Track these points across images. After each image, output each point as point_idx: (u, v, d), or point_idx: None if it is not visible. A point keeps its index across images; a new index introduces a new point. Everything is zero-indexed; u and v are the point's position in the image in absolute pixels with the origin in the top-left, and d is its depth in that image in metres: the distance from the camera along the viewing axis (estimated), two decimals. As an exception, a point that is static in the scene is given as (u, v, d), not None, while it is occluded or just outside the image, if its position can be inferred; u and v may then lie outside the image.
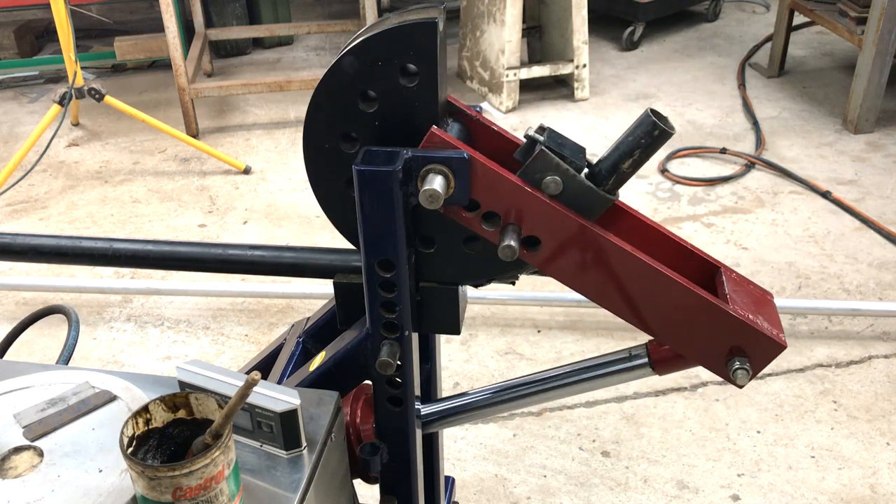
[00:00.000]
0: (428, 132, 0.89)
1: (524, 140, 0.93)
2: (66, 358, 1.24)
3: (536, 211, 0.90)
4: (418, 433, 1.09)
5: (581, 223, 0.90)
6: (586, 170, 0.91)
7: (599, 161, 0.91)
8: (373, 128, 0.92)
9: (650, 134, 0.87)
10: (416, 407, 1.07)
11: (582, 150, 0.91)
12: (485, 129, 0.99)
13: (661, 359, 1.00)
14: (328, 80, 0.91)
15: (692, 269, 0.98)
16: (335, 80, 0.91)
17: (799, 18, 3.97)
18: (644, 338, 1.00)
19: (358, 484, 1.10)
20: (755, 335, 0.93)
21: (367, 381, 1.05)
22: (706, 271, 1.00)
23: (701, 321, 0.93)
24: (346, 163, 0.93)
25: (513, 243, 0.88)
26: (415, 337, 1.01)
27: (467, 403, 1.11)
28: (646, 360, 1.00)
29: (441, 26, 0.88)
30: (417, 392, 1.06)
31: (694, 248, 1.00)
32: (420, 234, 0.96)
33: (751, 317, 0.93)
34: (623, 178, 0.90)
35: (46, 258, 1.14)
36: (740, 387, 0.95)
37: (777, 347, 0.94)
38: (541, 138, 0.89)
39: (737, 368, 0.93)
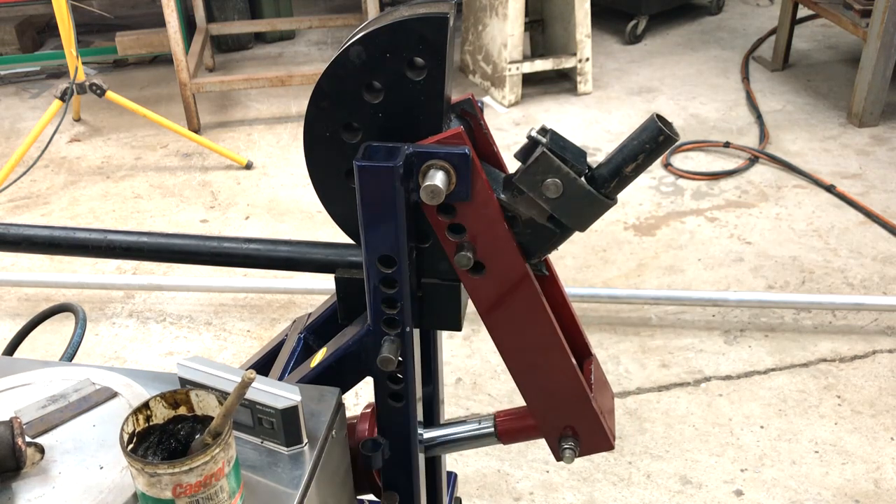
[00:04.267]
0: (455, 129, 0.89)
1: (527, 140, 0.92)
2: (70, 355, 1.24)
3: (500, 242, 0.92)
4: (421, 457, 1.10)
5: (527, 271, 0.95)
6: (587, 173, 0.91)
7: (601, 164, 0.90)
8: (376, 119, 0.91)
9: (655, 139, 0.86)
10: (419, 432, 1.07)
11: (583, 154, 0.91)
12: (485, 142, 0.99)
13: (506, 430, 1.10)
14: (334, 69, 0.90)
15: (573, 345, 1.06)
16: (341, 68, 0.90)
17: (803, 11, 3.95)
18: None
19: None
20: (597, 428, 1.03)
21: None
22: (582, 353, 1.09)
23: (568, 400, 1.02)
24: (346, 153, 0.92)
25: (470, 255, 0.93)
26: (416, 333, 1.01)
27: (469, 431, 1.15)
28: (492, 429, 1.10)
29: (452, 21, 0.87)
30: (419, 394, 1.05)
31: (582, 328, 1.09)
32: (418, 229, 0.95)
33: (601, 412, 1.03)
34: (624, 183, 0.90)
35: (40, 249, 1.13)
36: (559, 461, 1.06)
37: (606, 445, 1.05)
38: (543, 140, 0.88)
39: (567, 447, 1.04)
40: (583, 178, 0.89)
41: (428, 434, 1.14)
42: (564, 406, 1.03)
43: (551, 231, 0.93)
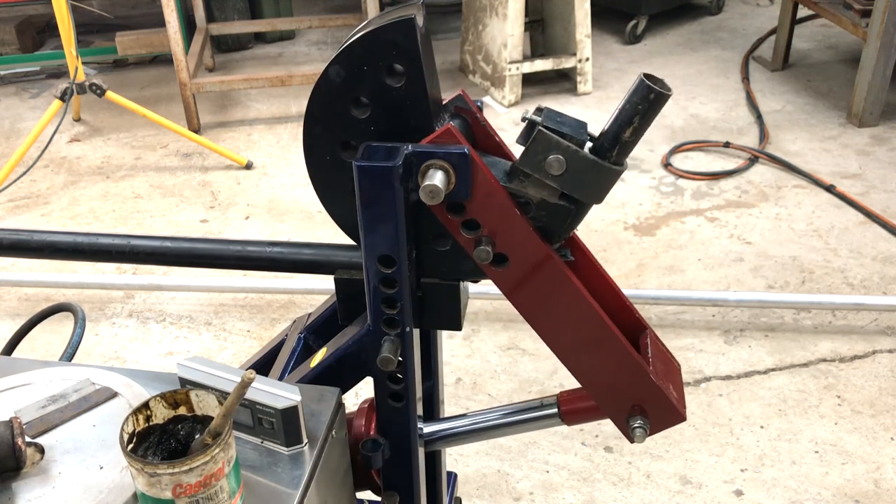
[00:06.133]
0: (444, 128, 0.89)
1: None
2: (69, 355, 1.24)
3: (515, 229, 0.92)
4: (420, 451, 1.09)
5: (549, 253, 0.93)
6: (590, 144, 0.89)
7: (601, 134, 0.89)
8: (369, 133, 0.92)
9: (646, 99, 0.85)
10: (419, 426, 1.07)
11: (583, 125, 0.90)
12: (486, 135, 0.99)
13: (570, 410, 1.06)
14: (319, 92, 0.92)
15: (624, 322, 1.03)
16: (325, 91, 0.91)
17: (803, 11, 3.95)
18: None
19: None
20: (664, 402, 0.99)
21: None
22: (635, 328, 1.05)
23: (623, 377, 0.99)
24: (349, 171, 0.92)
25: (489, 249, 0.92)
26: (416, 333, 1.01)
27: (470, 425, 1.13)
28: (555, 410, 1.06)
29: (420, 22, 0.88)
30: (419, 393, 1.05)
31: (630, 303, 1.05)
32: (435, 233, 0.95)
33: (664, 384, 0.99)
34: (627, 148, 0.88)
35: (64, 255, 1.13)
36: (633, 442, 1.02)
37: (677, 418, 1.00)
38: (538, 119, 0.88)
39: (637, 426, 1.00)
40: (585, 150, 0.88)
41: (428, 428, 1.13)
42: (622, 384, 0.99)
43: (566, 209, 0.91)
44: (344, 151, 0.94)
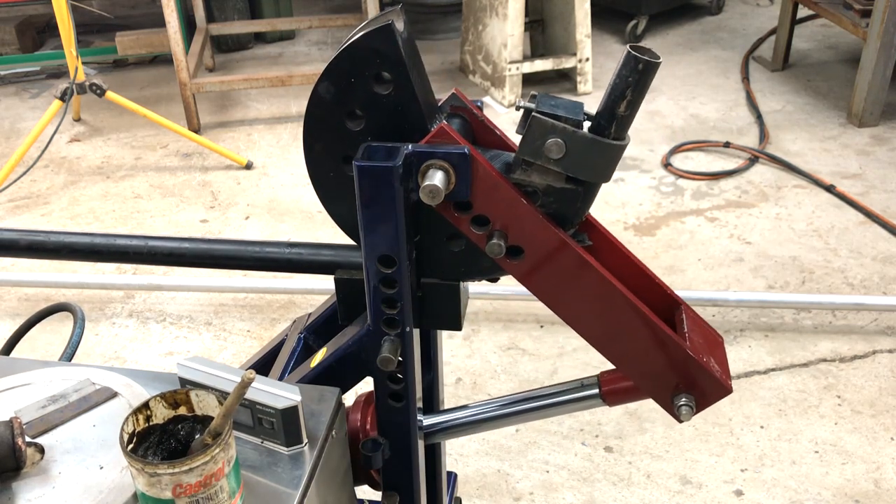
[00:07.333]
0: (438, 127, 0.89)
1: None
2: (69, 355, 1.24)
3: (525, 219, 0.91)
4: (420, 444, 1.09)
5: (563, 238, 0.92)
6: (588, 123, 0.89)
7: (598, 113, 0.89)
8: (366, 142, 0.92)
9: (635, 70, 0.85)
10: (419, 418, 1.07)
11: (579, 106, 0.89)
12: (485, 129, 0.99)
13: (612, 391, 1.03)
14: (313, 111, 0.92)
15: (656, 301, 1.01)
16: (319, 108, 0.92)
17: (803, 11, 3.95)
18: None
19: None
20: (706, 376, 0.96)
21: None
22: (668, 305, 1.03)
23: (659, 355, 0.96)
24: (350, 180, 0.92)
25: (501, 243, 0.91)
26: (416, 332, 1.01)
27: (470, 416, 1.12)
28: (597, 390, 1.04)
29: (400, 26, 0.88)
30: (419, 394, 1.05)
31: (660, 280, 1.03)
32: (447, 233, 0.95)
33: (704, 358, 0.97)
34: (625, 123, 0.88)
35: (81, 256, 1.12)
36: (681, 422, 0.99)
37: (723, 391, 0.97)
38: (532, 106, 0.88)
39: (682, 404, 0.97)
40: (584, 130, 0.88)
41: (428, 420, 1.13)
42: (659, 363, 0.96)
43: (574, 191, 0.90)
44: (345, 165, 0.94)
